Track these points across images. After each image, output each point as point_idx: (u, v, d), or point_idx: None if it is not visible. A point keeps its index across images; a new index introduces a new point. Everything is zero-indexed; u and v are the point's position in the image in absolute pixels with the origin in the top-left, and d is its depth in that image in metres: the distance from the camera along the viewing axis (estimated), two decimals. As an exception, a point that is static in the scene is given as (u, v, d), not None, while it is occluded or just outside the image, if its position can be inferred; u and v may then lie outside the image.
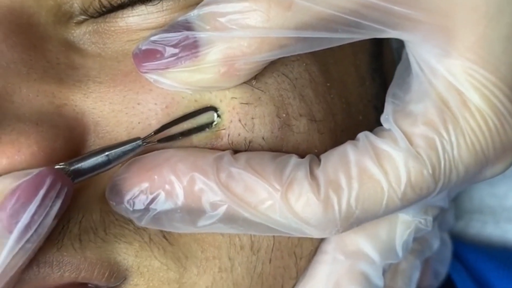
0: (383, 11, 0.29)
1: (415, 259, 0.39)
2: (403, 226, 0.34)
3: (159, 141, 0.31)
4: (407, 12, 0.29)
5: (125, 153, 0.30)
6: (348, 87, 0.37)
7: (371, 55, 0.40)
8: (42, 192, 0.28)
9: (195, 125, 0.31)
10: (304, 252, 0.34)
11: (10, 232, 0.27)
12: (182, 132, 0.31)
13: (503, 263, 0.53)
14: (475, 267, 0.53)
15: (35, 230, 0.28)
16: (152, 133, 0.31)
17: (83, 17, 0.32)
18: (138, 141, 0.30)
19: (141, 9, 0.32)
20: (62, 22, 0.32)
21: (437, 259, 0.46)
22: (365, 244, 0.34)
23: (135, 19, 0.32)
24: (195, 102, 0.31)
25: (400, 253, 0.34)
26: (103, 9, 0.32)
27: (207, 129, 0.32)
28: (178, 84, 0.31)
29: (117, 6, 0.32)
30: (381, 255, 0.34)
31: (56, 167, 0.29)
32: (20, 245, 0.27)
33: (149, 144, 0.31)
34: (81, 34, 0.33)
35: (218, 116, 0.32)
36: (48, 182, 0.28)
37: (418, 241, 0.39)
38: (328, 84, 0.35)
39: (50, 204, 0.28)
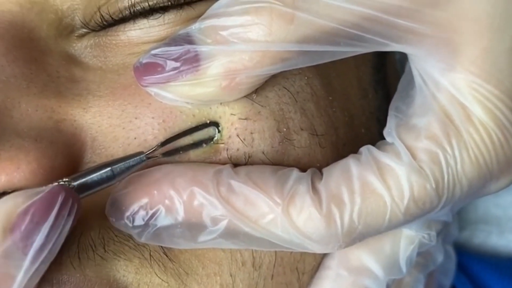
0: (386, 24, 0.29)
1: (418, 273, 0.38)
2: (406, 241, 0.34)
3: (163, 155, 0.31)
4: (411, 25, 0.29)
5: (129, 168, 0.30)
6: (350, 99, 0.37)
7: (373, 67, 0.40)
8: (55, 211, 0.27)
9: (196, 140, 0.31)
10: (306, 267, 0.34)
11: (25, 253, 0.27)
12: (183, 146, 0.31)
13: (507, 273, 0.53)
14: (479, 277, 0.52)
15: (49, 251, 0.27)
16: (155, 148, 0.30)
17: (85, 30, 0.32)
18: (141, 156, 0.30)
19: (143, 23, 0.32)
20: (64, 35, 0.32)
21: (441, 272, 0.46)
22: (368, 259, 0.33)
23: (136, 32, 0.32)
24: (193, 117, 0.31)
25: (404, 269, 0.34)
26: (105, 22, 0.32)
27: (206, 145, 0.31)
28: (179, 97, 0.30)
29: (119, 19, 0.32)
30: (385, 271, 0.34)
31: (61, 182, 0.29)
32: (35, 266, 0.27)
33: (152, 159, 0.31)
34: (82, 47, 0.32)
35: (219, 131, 0.31)
36: (60, 200, 0.27)
37: (422, 255, 0.38)
38: (330, 98, 0.35)
39: (63, 223, 0.27)
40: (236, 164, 0.32)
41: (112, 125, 0.31)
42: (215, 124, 0.31)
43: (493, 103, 0.30)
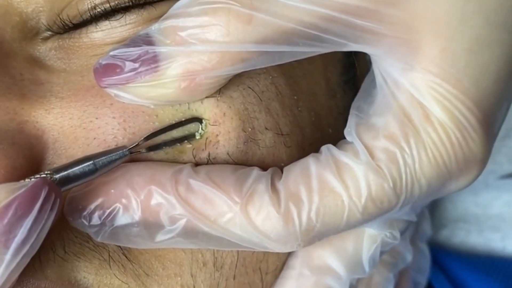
0: (344, 24, 0.29)
1: (388, 272, 0.38)
2: (369, 240, 0.34)
3: (146, 149, 0.31)
4: (369, 25, 0.29)
5: (111, 162, 0.30)
6: (317, 99, 0.37)
7: (343, 67, 0.40)
8: (38, 205, 0.27)
9: (180, 135, 0.31)
10: (270, 267, 0.34)
11: (7, 247, 0.27)
12: (167, 141, 0.31)
13: (486, 272, 0.53)
14: (457, 276, 0.53)
15: (31, 245, 0.27)
16: (139, 142, 0.31)
17: (49, 33, 0.32)
18: (124, 150, 0.30)
19: (104, 24, 0.32)
20: (28, 38, 0.32)
21: (415, 270, 0.46)
22: (331, 258, 0.33)
23: (99, 34, 0.32)
24: (156, 117, 0.31)
25: (367, 268, 0.34)
26: (67, 26, 0.32)
27: (188, 140, 0.31)
28: (138, 98, 0.30)
29: (80, 23, 0.32)
30: (348, 270, 0.34)
31: (42, 175, 0.29)
32: (17, 261, 0.27)
33: (135, 153, 0.31)
34: (47, 50, 0.33)
35: (202, 127, 0.31)
36: (43, 194, 0.27)
37: (390, 253, 0.38)
38: (295, 97, 0.35)
39: (46, 217, 0.27)
40: (199, 164, 0.32)
41: (73, 126, 0.31)
42: (198, 119, 0.31)
43: (452, 102, 0.30)
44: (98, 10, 0.31)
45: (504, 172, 0.55)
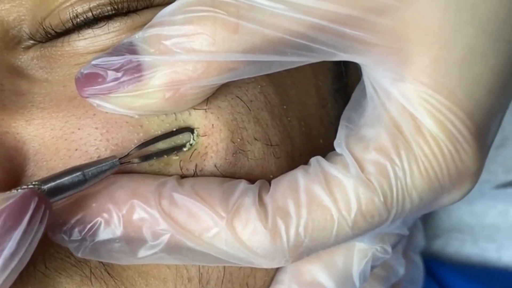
0: (334, 33, 0.28)
1: (380, 286, 0.38)
2: (360, 255, 0.33)
3: (138, 160, 0.30)
4: (358, 34, 0.28)
5: (101, 172, 0.29)
6: (307, 109, 0.36)
7: (333, 76, 0.39)
8: (27, 217, 0.26)
9: (171, 145, 0.31)
10: (257, 282, 0.33)
11: None
12: (158, 151, 0.30)
13: (481, 282, 0.52)
14: (452, 287, 0.52)
15: (20, 258, 0.26)
16: (129, 152, 0.30)
17: (31, 42, 0.32)
18: (114, 160, 0.29)
19: (87, 33, 0.31)
20: (10, 47, 0.32)
21: (408, 281, 0.45)
22: (320, 274, 0.33)
23: (81, 43, 0.31)
24: (140, 128, 0.30)
25: (357, 283, 0.33)
26: (49, 35, 0.31)
27: (183, 149, 0.31)
28: (121, 108, 0.30)
29: (63, 32, 0.31)
30: (338, 285, 0.33)
31: (29, 186, 0.28)
32: (6, 274, 0.26)
33: (126, 164, 0.30)
34: (29, 59, 0.32)
35: (194, 137, 0.31)
36: (33, 206, 0.27)
37: (382, 267, 0.38)
38: (285, 107, 0.34)
39: (35, 229, 0.27)
40: (186, 176, 0.31)
41: (55, 137, 0.30)
42: (190, 129, 0.31)
43: (444, 114, 0.29)
44: (81, 19, 0.31)
45: (499, 181, 0.54)
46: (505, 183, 0.54)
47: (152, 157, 0.30)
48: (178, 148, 0.31)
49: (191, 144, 0.31)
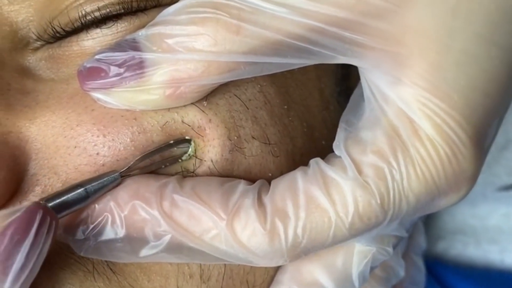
0: (332, 36, 0.29)
1: (380, 287, 0.38)
2: (359, 256, 0.33)
3: (139, 171, 0.30)
4: (356, 37, 0.29)
5: (103, 187, 0.29)
6: (310, 110, 0.36)
7: (336, 78, 0.39)
8: (34, 229, 0.27)
9: (169, 156, 0.31)
10: (257, 280, 0.33)
11: (6, 275, 0.26)
12: (158, 162, 0.31)
13: (484, 285, 0.52)
14: (455, 288, 0.52)
15: (30, 271, 0.27)
16: (130, 165, 0.30)
17: (40, 43, 0.32)
18: (116, 174, 0.30)
19: (95, 32, 0.32)
20: (19, 48, 0.32)
21: (411, 283, 0.45)
22: (320, 274, 0.33)
23: (89, 42, 0.32)
24: (135, 121, 0.31)
25: (356, 284, 0.33)
26: (57, 34, 0.32)
27: (180, 160, 0.31)
28: (121, 103, 0.30)
29: (71, 31, 0.31)
30: (337, 286, 0.33)
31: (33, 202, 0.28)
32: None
33: (127, 177, 0.30)
34: (37, 60, 0.32)
35: (191, 149, 0.31)
36: (38, 218, 0.27)
37: (383, 268, 0.38)
38: (286, 107, 0.34)
39: (43, 241, 0.27)
40: (184, 172, 0.31)
41: (55, 134, 0.31)
42: (188, 140, 0.31)
43: (441, 117, 0.29)
44: (89, 18, 0.31)
45: (502, 184, 0.54)
46: (508, 186, 0.54)
47: (152, 168, 0.31)
48: (176, 159, 0.31)
49: (189, 155, 0.31)
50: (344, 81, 0.40)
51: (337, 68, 0.40)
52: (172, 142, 0.31)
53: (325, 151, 0.34)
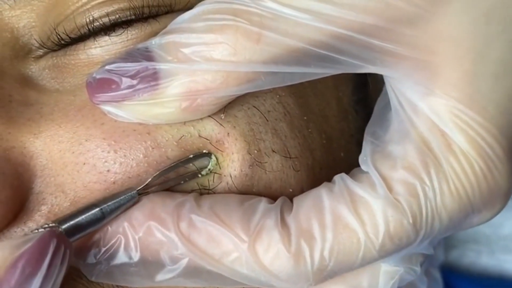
0: (360, 44, 0.27)
1: None
2: (386, 276, 0.31)
3: (157, 188, 0.29)
4: (387, 46, 0.27)
5: (119, 207, 0.28)
6: (328, 121, 0.35)
7: (354, 86, 0.38)
8: (47, 261, 0.25)
9: (189, 171, 0.29)
10: None
11: None
12: (176, 178, 0.29)
13: (498, 294, 0.51)
14: (469, 298, 0.51)
15: None
16: (147, 183, 0.28)
17: (42, 51, 0.30)
18: (132, 192, 0.28)
19: (104, 40, 0.30)
20: (20, 56, 0.30)
21: (428, 296, 0.44)
22: None
23: (97, 50, 0.30)
24: (148, 135, 0.29)
25: (382, 305, 0.32)
26: (62, 41, 0.30)
27: (199, 175, 0.30)
28: (134, 117, 0.28)
29: (77, 37, 0.30)
30: None
31: (46, 226, 0.27)
32: None
33: (143, 194, 0.29)
34: (40, 69, 0.31)
35: (211, 163, 0.30)
36: (52, 248, 0.25)
37: (406, 287, 0.36)
38: (305, 118, 0.33)
39: (57, 272, 0.25)
40: (202, 188, 0.30)
41: (62, 150, 0.29)
42: (208, 154, 0.30)
43: (476, 131, 0.28)
44: (97, 24, 0.29)
45: (517, 192, 0.53)
46: (523, 194, 0.53)
47: (170, 185, 0.29)
48: (196, 174, 0.29)
49: (209, 170, 0.29)
50: (362, 90, 0.38)
51: (354, 76, 0.38)
52: (191, 156, 0.29)
53: (344, 163, 0.32)
